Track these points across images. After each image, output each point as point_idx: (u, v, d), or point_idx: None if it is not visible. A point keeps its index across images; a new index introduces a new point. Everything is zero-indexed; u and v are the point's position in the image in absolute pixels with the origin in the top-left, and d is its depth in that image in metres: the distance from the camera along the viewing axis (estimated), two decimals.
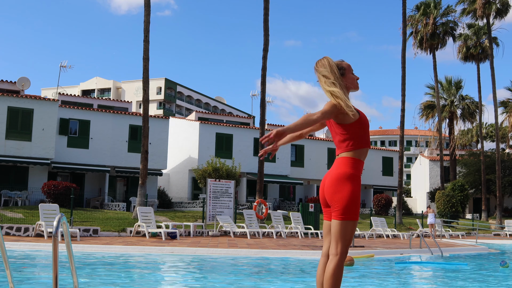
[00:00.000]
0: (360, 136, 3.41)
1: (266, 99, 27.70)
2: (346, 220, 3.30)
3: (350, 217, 3.30)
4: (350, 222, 3.31)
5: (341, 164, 3.38)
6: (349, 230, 3.31)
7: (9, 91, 28.01)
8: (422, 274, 10.64)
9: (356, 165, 3.39)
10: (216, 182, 20.95)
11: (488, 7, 37.98)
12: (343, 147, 3.42)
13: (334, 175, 3.37)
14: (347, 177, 3.34)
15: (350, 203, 3.29)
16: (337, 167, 3.39)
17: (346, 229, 3.30)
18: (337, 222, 3.31)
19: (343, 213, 3.29)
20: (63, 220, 3.33)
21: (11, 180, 26.99)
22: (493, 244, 23.04)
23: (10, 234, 15.57)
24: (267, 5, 27.13)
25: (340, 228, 3.30)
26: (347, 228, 3.30)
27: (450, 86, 45.72)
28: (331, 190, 3.35)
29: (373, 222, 24.11)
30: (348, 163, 3.37)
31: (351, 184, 3.31)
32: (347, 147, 3.40)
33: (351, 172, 3.35)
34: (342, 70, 3.47)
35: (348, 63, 3.53)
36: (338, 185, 3.32)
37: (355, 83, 3.50)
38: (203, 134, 33.80)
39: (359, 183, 3.38)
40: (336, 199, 3.31)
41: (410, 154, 79.19)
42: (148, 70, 23.33)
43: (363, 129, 3.43)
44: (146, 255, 12.49)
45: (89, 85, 79.34)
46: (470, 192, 42.32)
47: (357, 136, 3.40)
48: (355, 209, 3.31)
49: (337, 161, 3.43)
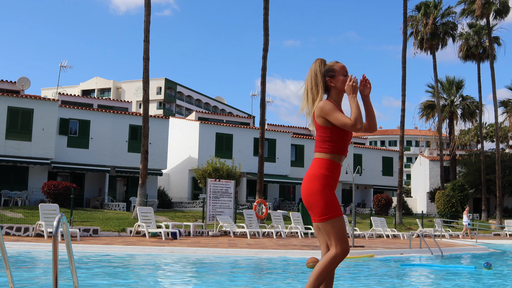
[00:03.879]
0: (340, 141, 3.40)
1: (266, 99, 27.70)
2: (328, 219, 3.28)
3: (331, 215, 3.28)
4: (333, 220, 3.28)
5: (315, 166, 3.39)
6: (337, 226, 3.28)
7: (9, 91, 28.01)
8: (428, 275, 10.63)
9: (332, 167, 3.38)
10: (216, 182, 20.94)
11: (488, 7, 37.97)
12: (321, 148, 3.42)
13: (308, 177, 3.38)
14: (319, 178, 3.33)
15: (325, 203, 3.26)
16: (312, 168, 3.40)
17: (334, 227, 3.27)
18: (322, 224, 3.31)
19: (322, 214, 3.28)
20: (63, 220, 3.33)
21: (11, 180, 26.98)
22: (493, 244, 23.03)
23: (10, 234, 15.57)
24: (267, 5, 27.12)
25: (327, 229, 3.29)
26: (334, 226, 3.27)
27: (450, 86, 45.69)
28: (305, 192, 3.36)
29: (373, 222, 24.10)
30: (323, 164, 3.37)
31: (323, 185, 3.30)
32: (325, 149, 3.40)
33: (324, 174, 3.34)
34: (333, 72, 3.47)
35: (341, 65, 3.51)
36: (311, 187, 3.32)
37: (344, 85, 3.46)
38: (203, 134, 33.79)
39: (331, 185, 3.35)
40: (312, 202, 3.31)
41: (410, 154, 79.18)
42: (148, 70, 23.33)
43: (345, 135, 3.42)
44: (146, 255, 12.48)
45: (89, 85, 79.34)
46: (470, 192, 42.30)
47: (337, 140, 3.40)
48: (332, 206, 3.27)
49: (313, 161, 3.44)
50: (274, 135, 36.07)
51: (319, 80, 3.45)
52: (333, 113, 3.30)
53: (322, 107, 3.35)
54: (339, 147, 3.39)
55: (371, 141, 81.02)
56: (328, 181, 3.32)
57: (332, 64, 3.50)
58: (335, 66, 3.49)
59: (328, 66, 3.50)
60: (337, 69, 3.47)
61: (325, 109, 3.33)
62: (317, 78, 3.45)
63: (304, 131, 41.04)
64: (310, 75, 3.49)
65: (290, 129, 40.27)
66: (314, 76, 3.47)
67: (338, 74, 3.46)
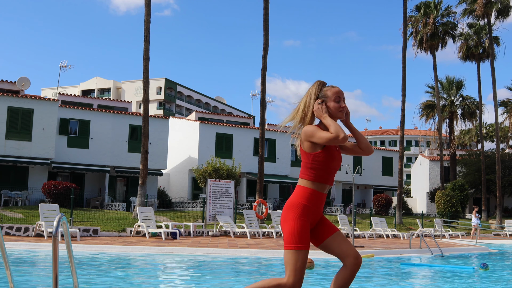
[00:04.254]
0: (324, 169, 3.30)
1: (266, 99, 27.70)
2: (290, 249, 3.21)
3: (294, 246, 3.20)
4: (295, 251, 3.20)
5: (296, 194, 3.32)
6: (296, 259, 3.19)
7: (9, 91, 28.01)
8: (427, 275, 10.63)
9: (313, 197, 3.29)
10: (216, 182, 20.94)
11: (489, 7, 37.98)
12: (304, 175, 3.33)
13: (286, 204, 3.32)
14: (296, 207, 3.26)
15: (292, 233, 3.20)
16: (292, 196, 3.33)
17: (292, 259, 3.19)
18: (284, 252, 3.25)
19: (287, 242, 3.22)
20: (63, 220, 3.33)
21: (11, 180, 26.99)
22: (493, 244, 23.03)
23: (10, 234, 15.57)
24: (267, 5, 27.12)
25: (286, 258, 3.22)
26: (293, 257, 3.19)
27: (450, 86, 45.69)
28: (281, 219, 3.31)
29: (373, 222, 24.10)
30: (303, 193, 3.29)
31: (297, 215, 3.23)
32: (308, 176, 3.31)
33: (303, 204, 3.26)
34: (324, 98, 3.40)
35: (335, 90, 3.40)
36: (286, 214, 3.27)
37: (336, 112, 3.36)
38: (203, 134, 33.80)
39: (309, 215, 3.26)
40: (283, 229, 3.26)
41: (410, 154, 79.18)
42: (148, 70, 23.34)
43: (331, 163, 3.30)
44: (146, 255, 12.48)
45: (89, 85, 79.34)
46: (470, 192, 42.30)
47: (322, 167, 3.30)
48: (298, 238, 3.19)
49: (295, 188, 3.37)
50: (274, 135, 36.08)
51: (312, 104, 3.40)
52: (317, 133, 3.24)
53: (305, 130, 3.29)
54: (323, 175, 3.29)
55: (371, 141, 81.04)
56: (305, 211, 3.25)
57: (326, 89, 3.42)
58: (328, 91, 3.41)
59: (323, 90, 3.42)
60: (329, 95, 3.39)
61: (309, 131, 3.27)
62: (311, 101, 3.40)
63: None
64: (306, 96, 3.45)
65: (290, 129, 40.22)
66: (308, 99, 3.42)
67: (330, 100, 3.38)
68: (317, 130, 3.26)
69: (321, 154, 3.28)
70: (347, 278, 3.33)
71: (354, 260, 3.34)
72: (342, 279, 3.33)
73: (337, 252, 3.39)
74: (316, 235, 3.42)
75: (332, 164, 3.31)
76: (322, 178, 3.30)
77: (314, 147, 3.29)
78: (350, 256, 3.35)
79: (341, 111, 3.38)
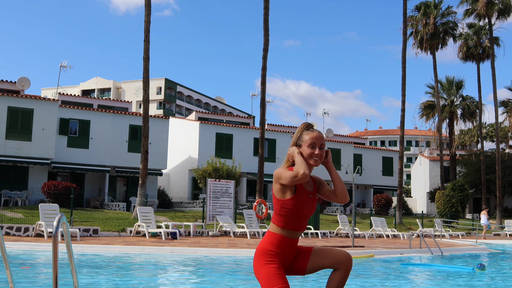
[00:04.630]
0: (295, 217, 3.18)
1: (266, 99, 27.70)
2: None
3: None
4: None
5: (265, 240, 3.23)
6: None
7: (9, 91, 28.01)
8: (427, 275, 10.63)
9: (282, 243, 3.19)
10: (216, 182, 20.94)
11: (491, 7, 37.99)
12: (275, 220, 3.22)
13: (256, 250, 3.24)
14: (263, 254, 3.18)
15: (264, 280, 3.11)
16: (261, 242, 3.25)
17: None
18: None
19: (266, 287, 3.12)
20: (63, 220, 3.33)
21: (11, 180, 26.98)
22: (493, 244, 23.03)
23: (10, 234, 15.57)
24: (267, 5, 27.12)
25: None
26: None
27: (450, 86, 45.69)
28: (254, 266, 3.23)
29: (373, 222, 24.10)
30: (272, 240, 3.20)
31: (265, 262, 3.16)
32: (278, 222, 3.20)
33: (270, 250, 3.17)
34: (300, 141, 3.28)
35: (313, 135, 3.26)
36: (255, 262, 3.20)
37: (308, 158, 3.22)
38: (203, 134, 33.80)
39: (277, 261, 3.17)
40: (258, 276, 3.18)
41: (410, 154, 79.18)
42: (148, 70, 23.34)
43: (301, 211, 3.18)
44: (146, 255, 12.48)
45: (89, 85, 79.35)
46: (470, 192, 42.30)
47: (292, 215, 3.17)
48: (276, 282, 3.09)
49: (266, 233, 3.28)
50: (274, 135, 36.08)
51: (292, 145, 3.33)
52: (283, 173, 3.11)
53: (275, 172, 3.19)
54: (292, 222, 3.18)
55: (371, 141, 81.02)
56: (273, 258, 3.17)
57: (305, 133, 3.29)
58: (306, 135, 3.28)
59: (303, 134, 3.30)
60: (304, 140, 3.26)
61: (277, 173, 3.15)
62: (292, 142, 3.33)
63: None
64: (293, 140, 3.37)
65: (290, 129, 40.28)
66: (292, 142, 3.34)
67: (304, 144, 3.25)
68: (285, 171, 3.13)
69: (289, 202, 3.14)
70: (342, 278, 3.30)
71: (345, 261, 3.29)
72: (337, 280, 3.30)
73: (326, 265, 3.33)
74: (296, 269, 3.33)
75: (302, 212, 3.18)
76: (292, 225, 3.18)
77: (283, 193, 3.16)
78: (340, 262, 3.30)
79: (313, 157, 3.22)
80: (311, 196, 3.25)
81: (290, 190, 3.15)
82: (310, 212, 3.23)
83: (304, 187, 3.22)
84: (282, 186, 3.16)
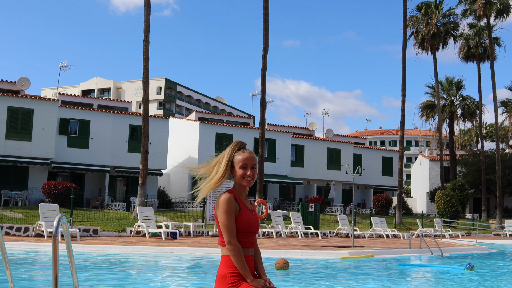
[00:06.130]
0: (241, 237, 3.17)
1: (266, 99, 27.71)
2: None
3: None
4: None
5: (222, 264, 3.22)
6: None
7: (9, 91, 28.01)
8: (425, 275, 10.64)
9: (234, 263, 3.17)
10: None
11: (489, 7, 37.99)
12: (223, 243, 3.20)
13: (217, 277, 3.24)
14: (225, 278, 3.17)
15: None
16: (219, 267, 3.24)
17: None
18: None
19: None
20: (63, 220, 3.33)
21: (11, 180, 26.98)
22: (493, 244, 23.03)
23: (10, 234, 15.57)
24: (267, 5, 27.12)
25: None
26: None
27: (450, 86, 45.70)
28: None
29: (373, 222, 24.10)
30: (228, 262, 3.19)
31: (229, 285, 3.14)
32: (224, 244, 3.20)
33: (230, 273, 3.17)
34: (233, 162, 3.33)
35: (244, 156, 3.31)
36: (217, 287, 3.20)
37: (240, 179, 3.30)
38: (203, 134, 33.80)
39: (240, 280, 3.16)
40: None
41: (410, 154, 79.18)
42: (148, 70, 23.34)
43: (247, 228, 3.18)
44: (146, 255, 12.48)
45: (89, 85, 79.36)
46: (470, 192, 42.30)
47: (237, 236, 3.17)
48: None
49: (221, 258, 3.27)
50: (274, 135, 36.08)
51: (225, 164, 3.34)
52: (223, 215, 3.13)
53: (219, 202, 3.20)
54: (243, 240, 3.19)
55: (371, 141, 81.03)
56: (236, 278, 3.17)
57: (238, 153, 3.35)
58: (238, 155, 3.33)
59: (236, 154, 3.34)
60: (236, 161, 3.32)
61: (220, 206, 3.17)
62: (226, 160, 3.34)
63: (304, 131, 41.05)
64: (223, 153, 3.36)
65: (290, 129, 40.28)
66: (225, 157, 3.35)
67: (237, 165, 3.31)
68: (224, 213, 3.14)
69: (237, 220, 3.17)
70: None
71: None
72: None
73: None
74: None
75: (249, 228, 3.20)
76: (243, 243, 3.19)
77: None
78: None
79: (246, 178, 3.28)
80: (253, 213, 3.32)
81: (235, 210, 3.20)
82: (256, 229, 3.25)
83: (245, 204, 3.29)
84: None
